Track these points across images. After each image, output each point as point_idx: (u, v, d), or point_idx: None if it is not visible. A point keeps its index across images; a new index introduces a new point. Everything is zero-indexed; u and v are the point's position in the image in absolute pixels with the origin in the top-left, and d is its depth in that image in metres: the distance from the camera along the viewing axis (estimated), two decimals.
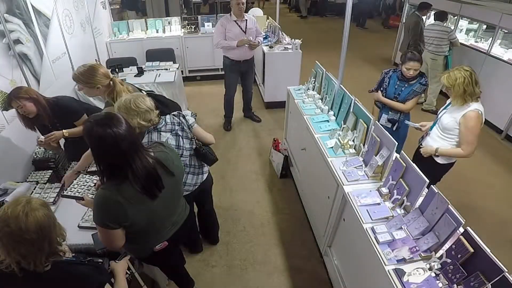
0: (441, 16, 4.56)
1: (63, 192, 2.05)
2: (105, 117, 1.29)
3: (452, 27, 4.88)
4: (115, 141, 1.24)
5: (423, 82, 2.70)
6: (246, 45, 3.82)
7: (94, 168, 2.27)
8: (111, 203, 1.30)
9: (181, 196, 1.74)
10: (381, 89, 2.91)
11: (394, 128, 2.84)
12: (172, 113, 1.94)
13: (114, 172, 1.31)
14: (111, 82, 2.11)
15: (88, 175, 2.21)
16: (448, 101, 2.38)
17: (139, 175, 1.32)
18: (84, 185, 2.15)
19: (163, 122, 1.86)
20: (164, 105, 2.08)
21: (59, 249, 1.18)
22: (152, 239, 1.59)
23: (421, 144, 2.50)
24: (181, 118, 1.94)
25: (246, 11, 5.75)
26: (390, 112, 2.84)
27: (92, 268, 1.28)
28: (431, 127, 2.42)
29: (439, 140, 2.33)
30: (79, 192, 2.07)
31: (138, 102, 1.70)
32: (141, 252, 1.66)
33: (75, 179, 2.20)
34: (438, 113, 2.42)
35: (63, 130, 2.30)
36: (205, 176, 2.19)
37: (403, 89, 2.75)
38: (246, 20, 3.84)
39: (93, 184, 2.14)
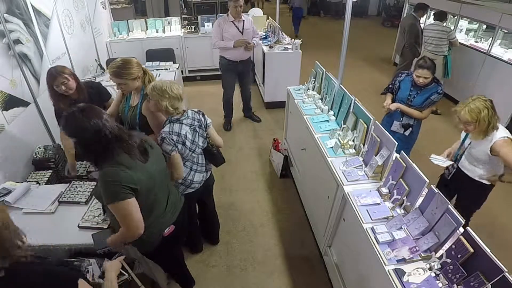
0: (440, 16, 4.55)
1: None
2: (83, 107, 1.39)
3: (452, 27, 4.88)
4: (103, 124, 1.36)
5: (439, 91, 2.61)
6: (242, 46, 3.84)
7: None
8: (117, 173, 1.37)
9: (168, 178, 1.81)
10: (391, 92, 2.86)
11: (408, 133, 2.80)
12: (193, 109, 2.02)
13: (107, 152, 1.39)
14: (143, 71, 2.15)
15: (88, 181, 2.17)
16: (462, 135, 2.24)
17: (131, 143, 1.45)
18: (85, 191, 2.11)
19: (186, 115, 1.93)
20: None
21: (15, 255, 1.09)
22: (159, 222, 1.65)
23: (448, 171, 2.33)
24: (201, 116, 2.03)
25: (246, 11, 5.76)
26: (404, 118, 2.77)
27: (59, 266, 1.24)
28: (456, 156, 2.27)
29: (475, 168, 2.17)
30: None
31: (172, 87, 1.82)
32: (151, 240, 1.66)
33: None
34: (460, 145, 2.25)
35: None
36: (209, 173, 2.26)
37: (416, 96, 2.67)
38: (243, 20, 3.86)
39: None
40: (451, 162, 2.26)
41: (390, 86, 2.89)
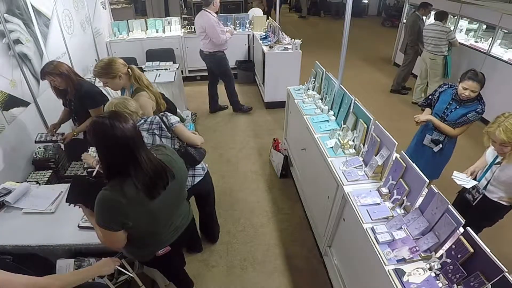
0: (441, 16, 4.55)
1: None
2: (111, 114, 1.31)
3: (452, 27, 4.88)
4: (123, 137, 1.25)
5: (479, 110, 2.35)
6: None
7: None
8: (113, 204, 1.29)
9: (184, 200, 1.72)
10: (430, 104, 2.65)
11: (436, 150, 2.60)
12: (159, 114, 1.95)
13: (119, 169, 1.30)
14: (129, 70, 2.17)
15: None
16: (489, 156, 2.08)
17: (146, 171, 1.31)
18: None
19: (142, 121, 1.87)
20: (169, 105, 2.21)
21: None
22: (154, 243, 1.58)
23: (469, 194, 2.17)
24: (163, 118, 1.92)
25: (246, 11, 5.85)
26: (434, 132, 2.57)
27: None
28: (480, 178, 2.10)
29: (497, 190, 2.03)
30: None
31: (118, 107, 1.74)
32: (142, 256, 1.65)
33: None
34: (488, 168, 2.07)
35: (74, 131, 2.57)
36: (197, 179, 2.13)
37: (453, 110, 2.44)
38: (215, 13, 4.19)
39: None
40: (475, 182, 2.08)
41: (430, 97, 2.67)
